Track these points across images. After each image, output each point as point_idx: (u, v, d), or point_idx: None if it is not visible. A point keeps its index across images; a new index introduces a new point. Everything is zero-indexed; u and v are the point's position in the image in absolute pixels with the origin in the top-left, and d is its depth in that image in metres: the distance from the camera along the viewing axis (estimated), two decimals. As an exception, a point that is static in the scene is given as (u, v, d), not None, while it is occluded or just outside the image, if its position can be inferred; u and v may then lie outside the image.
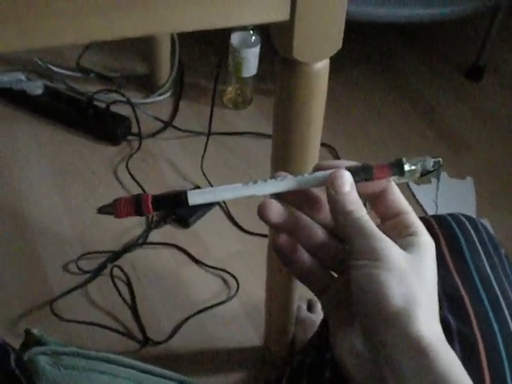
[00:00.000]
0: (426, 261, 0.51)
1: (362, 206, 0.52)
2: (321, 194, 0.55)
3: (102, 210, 0.54)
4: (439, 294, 0.71)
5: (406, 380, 0.46)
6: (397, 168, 0.53)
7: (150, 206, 0.53)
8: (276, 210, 0.53)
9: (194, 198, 0.53)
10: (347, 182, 0.52)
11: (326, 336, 0.55)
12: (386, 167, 0.53)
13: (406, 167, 0.53)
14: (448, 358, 0.47)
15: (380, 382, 0.48)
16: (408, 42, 2.27)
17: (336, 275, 0.56)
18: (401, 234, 0.52)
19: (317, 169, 0.54)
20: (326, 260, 0.55)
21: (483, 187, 1.75)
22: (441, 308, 0.69)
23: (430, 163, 0.54)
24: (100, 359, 0.57)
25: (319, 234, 0.54)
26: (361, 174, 0.53)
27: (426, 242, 0.52)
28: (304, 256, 0.55)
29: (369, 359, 0.50)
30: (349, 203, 0.52)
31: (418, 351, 0.46)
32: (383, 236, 0.50)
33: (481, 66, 2.10)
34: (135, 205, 0.53)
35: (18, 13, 0.55)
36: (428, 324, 0.48)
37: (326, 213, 0.55)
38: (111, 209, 0.54)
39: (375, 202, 0.54)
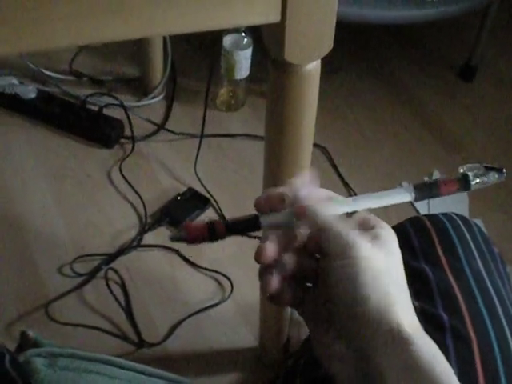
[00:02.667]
0: (393, 254, 0.51)
1: (327, 204, 0.53)
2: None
3: (175, 238, 0.54)
4: (433, 292, 0.71)
5: (392, 375, 0.46)
6: (464, 183, 0.53)
7: (224, 231, 0.54)
8: (270, 254, 0.53)
9: (266, 221, 0.54)
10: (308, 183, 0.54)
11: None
12: (453, 183, 0.53)
13: (473, 182, 0.53)
14: (429, 348, 0.47)
15: (365, 381, 0.48)
16: (401, 43, 2.28)
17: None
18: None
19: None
20: (301, 278, 0.55)
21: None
22: (434, 305, 0.69)
23: (494, 176, 0.53)
24: (96, 360, 0.57)
25: (299, 257, 0.54)
26: (427, 190, 0.53)
27: (387, 234, 0.52)
28: (289, 290, 0.54)
29: (352, 360, 0.50)
30: (311, 201, 0.53)
31: (400, 344, 0.47)
32: (356, 234, 0.51)
33: (473, 66, 2.11)
34: (209, 231, 0.53)
35: (9, 17, 0.55)
36: (405, 316, 0.48)
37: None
38: (184, 234, 0.53)
39: None
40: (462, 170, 0.54)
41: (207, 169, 1.74)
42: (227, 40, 1.80)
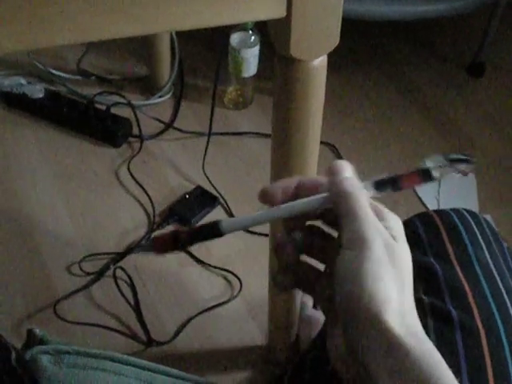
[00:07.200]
0: (400, 249, 0.50)
1: (363, 193, 0.51)
2: None
3: (143, 248, 0.55)
4: (441, 286, 0.70)
5: (380, 376, 0.45)
6: (424, 176, 0.53)
7: (187, 240, 0.53)
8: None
9: (228, 227, 0.53)
10: (348, 169, 0.53)
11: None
12: (415, 176, 0.53)
13: (435, 174, 0.52)
14: (422, 351, 0.45)
15: (362, 381, 0.47)
16: (409, 39, 2.27)
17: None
18: None
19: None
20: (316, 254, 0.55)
21: (485, 183, 1.74)
22: (443, 300, 0.69)
23: (458, 166, 0.53)
24: (103, 357, 0.57)
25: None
26: (387, 185, 0.53)
27: (398, 231, 0.51)
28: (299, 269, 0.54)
29: (355, 364, 0.49)
30: (350, 186, 0.51)
31: (388, 345, 0.45)
32: (376, 224, 0.49)
33: (481, 62, 2.10)
34: (173, 241, 0.53)
35: (14, 14, 0.55)
36: (400, 318, 0.46)
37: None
38: (150, 247, 0.54)
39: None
40: (425, 163, 0.54)
41: (215, 167, 1.74)
42: (234, 38, 1.80)
